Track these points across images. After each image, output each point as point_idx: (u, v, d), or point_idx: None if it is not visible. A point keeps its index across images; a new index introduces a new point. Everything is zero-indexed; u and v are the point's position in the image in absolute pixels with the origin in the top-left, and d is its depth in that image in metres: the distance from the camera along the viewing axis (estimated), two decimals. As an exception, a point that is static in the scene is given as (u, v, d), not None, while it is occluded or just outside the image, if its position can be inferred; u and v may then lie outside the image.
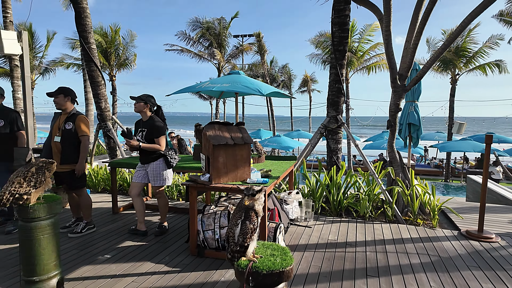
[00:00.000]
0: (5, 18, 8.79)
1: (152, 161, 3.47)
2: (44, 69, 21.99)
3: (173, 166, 3.56)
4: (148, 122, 3.44)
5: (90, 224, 3.70)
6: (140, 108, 3.43)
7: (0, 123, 3.63)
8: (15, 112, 3.75)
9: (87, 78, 11.83)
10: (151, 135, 3.40)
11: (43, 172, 2.02)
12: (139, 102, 3.43)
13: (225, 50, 21.97)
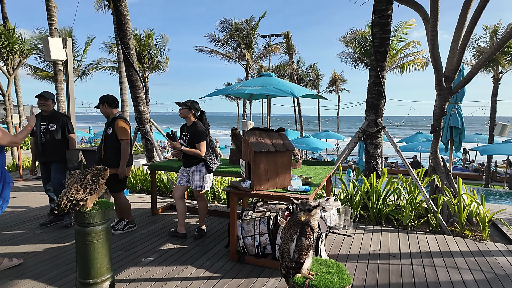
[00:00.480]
0: (50, 25, 9.33)
1: (193, 165, 3.55)
2: (82, 71, 23.17)
3: (212, 171, 3.60)
4: (191, 127, 3.52)
5: (131, 223, 3.89)
6: (185, 114, 3.51)
7: (53, 127, 3.86)
8: (65, 116, 3.99)
9: (123, 81, 12.34)
10: (192, 140, 3.48)
11: (97, 179, 2.11)
12: (184, 108, 3.50)
13: (253, 51, 22.02)
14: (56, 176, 3.91)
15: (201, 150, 3.45)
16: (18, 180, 6.77)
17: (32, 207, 4.85)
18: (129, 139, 3.64)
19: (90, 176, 2.08)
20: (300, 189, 2.84)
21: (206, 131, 3.53)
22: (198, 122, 3.54)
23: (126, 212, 3.83)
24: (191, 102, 3.52)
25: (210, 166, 3.57)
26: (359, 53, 17.77)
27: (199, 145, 3.46)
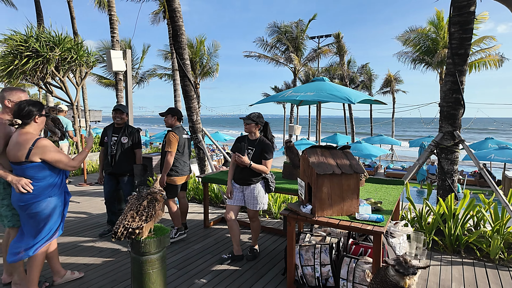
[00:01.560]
0: (113, 37, 10.00)
1: (252, 183, 3.31)
2: (139, 79, 24.74)
3: (272, 190, 3.37)
4: (258, 142, 3.29)
5: (181, 229, 3.97)
6: (250, 129, 3.30)
7: (124, 140, 3.99)
8: (138, 130, 4.10)
9: (177, 88, 12.84)
10: (259, 156, 3.25)
11: (153, 205, 2.00)
12: (250, 123, 3.28)
13: (301, 54, 21.59)
14: (127, 189, 4.03)
15: (268, 167, 3.25)
16: (82, 184, 7.26)
17: (93, 214, 5.08)
18: (174, 152, 3.74)
19: (147, 202, 1.98)
20: (371, 218, 2.47)
21: (273, 147, 3.32)
22: (264, 138, 3.32)
23: (176, 219, 3.93)
24: (257, 117, 3.29)
25: (270, 185, 3.34)
26: (419, 52, 16.38)
27: (267, 162, 3.24)
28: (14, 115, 2.36)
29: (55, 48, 7.62)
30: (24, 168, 2.34)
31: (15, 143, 2.33)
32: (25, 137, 2.33)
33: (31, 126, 2.41)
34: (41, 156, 2.34)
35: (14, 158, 2.33)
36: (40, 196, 2.40)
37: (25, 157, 2.30)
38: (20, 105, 2.38)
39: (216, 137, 24.98)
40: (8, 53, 7.32)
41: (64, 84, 8.56)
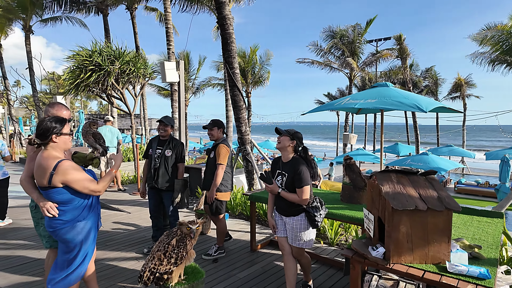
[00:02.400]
0: (169, 49, 10.32)
1: (292, 214, 2.72)
2: (196, 89, 25.71)
3: (317, 226, 2.68)
4: (291, 165, 2.70)
5: (221, 249, 3.83)
6: (284, 144, 2.71)
7: (168, 153, 3.83)
8: (182, 144, 3.94)
9: (229, 97, 12.86)
10: (292, 182, 2.66)
11: (184, 244, 1.65)
12: (284, 135, 2.72)
13: (358, 58, 20.40)
14: (170, 205, 3.87)
15: (303, 197, 2.61)
16: (136, 193, 7.40)
17: (141, 227, 5.01)
18: (225, 165, 3.64)
19: (176, 240, 1.64)
20: (470, 272, 1.81)
21: (310, 171, 2.66)
22: (301, 160, 2.70)
23: (219, 237, 3.82)
24: (295, 132, 2.74)
25: (314, 219, 2.63)
26: (499, 51, 14.26)
27: (302, 191, 2.61)
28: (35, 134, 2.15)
29: (116, 61, 7.99)
30: (48, 193, 2.15)
31: (37, 166, 2.13)
32: (47, 161, 2.09)
33: (52, 147, 2.15)
34: (63, 180, 2.10)
35: (38, 183, 2.15)
36: (68, 222, 2.20)
37: (47, 182, 2.09)
38: (38, 123, 2.16)
39: (267, 145, 24.75)
40: (75, 68, 7.87)
41: (123, 95, 8.98)
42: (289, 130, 2.79)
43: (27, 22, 14.33)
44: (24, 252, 4.00)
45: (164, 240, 1.71)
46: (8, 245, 4.23)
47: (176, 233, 1.73)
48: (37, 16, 14.34)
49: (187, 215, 5.62)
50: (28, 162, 2.38)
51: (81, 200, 2.24)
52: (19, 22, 14.65)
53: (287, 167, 2.72)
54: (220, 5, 5.17)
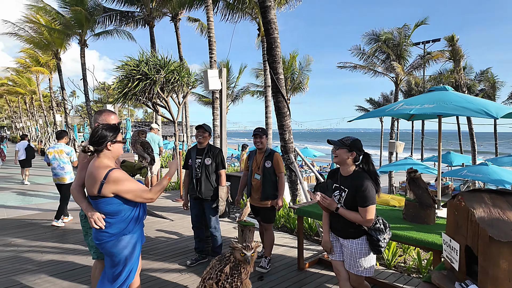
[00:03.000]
0: (211, 58, 10.43)
1: (351, 237, 2.37)
2: (234, 96, 26.02)
3: (381, 252, 2.31)
4: (353, 179, 2.33)
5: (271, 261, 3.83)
6: (342, 158, 2.35)
7: (208, 161, 3.71)
8: (220, 151, 3.81)
9: (268, 104, 12.72)
10: (353, 200, 2.30)
11: (238, 272, 1.45)
12: (341, 148, 2.35)
13: (404, 61, 19.24)
14: (211, 213, 3.74)
15: (366, 217, 2.24)
16: (178, 200, 7.44)
17: (184, 236, 4.94)
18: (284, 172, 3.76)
19: (229, 268, 1.43)
20: None
21: (375, 188, 2.30)
22: (364, 174, 2.32)
23: (269, 248, 3.75)
24: (352, 141, 2.35)
25: (378, 243, 2.26)
26: None
27: (366, 210, 2.23)
28: (89, 141, 2.12)
29: (161, 70, 8.21)
30: (97, 203, 2.09)
31: (89, 175, 2.08)
32: (97, 169, 2.05)
33: (104, 155, 2.12)
34: (114, 190, 2.03)
35: (89, 191, 2.10)
36: (114, 235, 2.12)
37: (97, 191, 2.03)
38: (93, 130, 2.14)
39: (305, 152, 24.14)
40: (124, 77, 8.20)
41: (167, 103, 9.19)
42: (345, 140, 2.40)
43: (82, 36, 15.49)
44: (74, 257, 4.08)
45: (216, 266, 1.52)
46: (59, 249, 4.36)
47: (229, 259, 1.53)
48: (91, 31, 15.45)
49: (228, 224, 5.47)
50: (79, 171, 2.35)
51: (128, 212, 2.16)
52: (76, 37, 15.89)
53: (348, 182, 2.37)
54: (265, 9, 5.02)
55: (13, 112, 46.09)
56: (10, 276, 3.56)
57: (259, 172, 3.64)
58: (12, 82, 33.05)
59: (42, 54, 21.72)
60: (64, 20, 15.05)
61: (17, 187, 9.58)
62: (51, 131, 27.77)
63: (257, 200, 3.70)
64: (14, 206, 7.08)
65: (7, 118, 57.25)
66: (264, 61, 12.04)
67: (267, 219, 3.72)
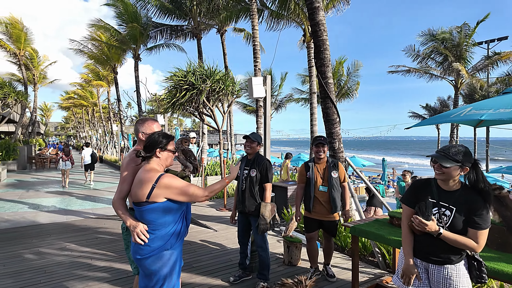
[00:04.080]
0: (255, 66, 10.38)
1: (449, 262, 1.95)
2: (278, 104, 25.89)
3: (485, 281, 1.92)
4: (464, 197, 1.90)
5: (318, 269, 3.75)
6: (450, 175, 1.89)
7: (253, 173, 3.47)
8: (268, 161, 3.54)
9: (314, 112, 12.29)
10: (465, 221, 1.88)
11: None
12: (450, 162, 1.85)
13: (465, 63, 17.51)
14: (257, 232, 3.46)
15: (481, 242, 1.85)
16: (222, 209, 7.34)
17: (227, 248, 4.76)
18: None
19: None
20: None
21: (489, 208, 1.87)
22: (472, 189, 1.91)
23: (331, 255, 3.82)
24: (464, 154, 1.87)
25: (482, 270, 1.92)
26: None
27: (482, 234, 1.84)
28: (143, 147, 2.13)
29: (207, 80, 8.31)
30: (143, 211, 1.98)
31: (139, 179, 2.03)
32: (148, 174, 1.99)
33: (154, 161, 2.08)
34: (167, 194, 1.96)
35: (135, 198, 2.01)
36: (155, 250, 1.98)
37: (146, 196, 1.94)
38: (148, 136, 2.15)
39: (353, 162, 22.99)
40: (172, 88, 8.44)
41: (213, 112, 9.28)
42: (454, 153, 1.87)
43: (136, 51, 16.56)
44: (120, 265, 4.10)
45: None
46: (107, 257, 4.44)
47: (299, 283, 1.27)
48: (144, 45, 16.45)
49: (272, 238, 5.18)
50: (121, 183, 2.29)
51: (171, 225, 2.03)
52: (130, 52, 17.04)
53: (455, 199, 1.92)
54: (313, 11, 4.74)
55: (77, 122, 51.05)
56: (61, 281, 3.65)
57: (324, 184, 3.50)
58: (78, 95, 36.66)
59: (102, 69, 23.70)
60: (120, 36, 16.23)
61: (77, 191, 10.31)
62: (108, 140, 30.07)
63: (325, 214, 3.54)
64: (73, 210, 7.55)
65: (73, 128, 63.59)
66: (310, 67, 11.69)
67: (334, 232, 3.66)
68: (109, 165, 21.11)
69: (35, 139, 25.29)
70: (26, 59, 20.63)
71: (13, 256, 4.46)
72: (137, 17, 14.76)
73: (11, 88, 14.36)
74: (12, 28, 17.77)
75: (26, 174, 15.25)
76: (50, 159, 19.30)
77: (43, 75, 24.97)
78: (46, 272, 3.92)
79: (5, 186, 11.19)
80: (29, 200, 8.65)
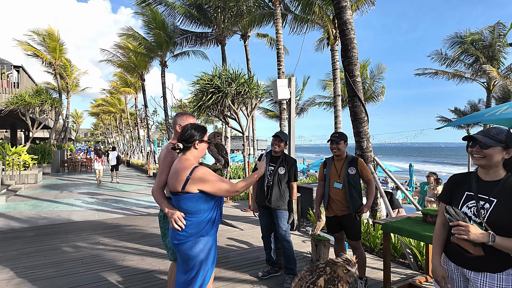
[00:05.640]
0: (279, 70, 10.46)
1: (491, 270, 1.61)
2: (300, 109, 25.78)
3: None
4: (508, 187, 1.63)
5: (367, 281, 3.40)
6: (492, 159, 1.66)
7: (281, 171, 3.54)
8: (295, 161, 3.62)
9: (338, 114, 12.17)
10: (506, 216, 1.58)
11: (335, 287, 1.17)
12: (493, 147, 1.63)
13: (499, 64, 16.73)
14: (281, 224, 3.51)
15: None
16: (247, 210, 7.39)
17: (254, 246, 4.79)
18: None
19: (324, 281, 1.17)
20: None
21: None
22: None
23: (364, 268, 3.34)
24: (508, 134, 1.66)
25: None
26: None
27: None
28: (178, 139, 2.18)
29: (232, 83, 8.46)
30: (179, 200, 2.07)
31: (174, 171, 2.11)
32: (184, 165, 2.07)
33: (191, 153, 2.16)
34: (200, 186, 2.02)
35: (172, 188, 2.10)
36: (192, 235, 2.07)
37: (181, 187, 2.02)
38: (183, 128, 2.20)
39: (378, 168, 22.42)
40: (198, 91, 8.67)
41: (237, 116, 9.41)
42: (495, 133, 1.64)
43: (163, 58, 17.14)
44: (151, 260, 4.23)
45: (306, 277, 1.29)
46: (139, 251, 4.59)
47: (324, 270, 1.28)
48: (171, 52, 17.00)
49: (299, 238, 5.15)
50: (159, 175, 2.39)
51: (206, 212, 2.10)
52: (157, 59, 17.66)
53: (494, 189, 1.64)
54: (340, 10, 4.76)
55: (106, 129, 53.22)
56: (98, 272, 3.82)
57: (339, 181, 3.32)
58: (106, 102, 38.29)
59: (130, 76, 24.67)
60: (147, 44, 16.87)
61: (107, 192, 10.73)
62: (135, 145, 31.09)
63: (340, 212, 3.34)
64: (103, 209, 7.87)
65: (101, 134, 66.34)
66: (334, 69, 11.61)
67: (354, 235, 3.32)
68: (135, 169, 21.81)
69: (67, 144, 26.60)
70: (60, 69, 21.87)
71: (53, 249, 4.71)
72: (164, 25, 15.31)
73: (47, 95, 15.24)
74: (48, 39, 18.94)
75: (60, 176, 16.05)
76: (81, 163, 20.22)
77: (76, 83, 26.34)
78: (83, 263, 4.12)
79: (41, 187, 11.84)
80: (63, 200, 9.11)
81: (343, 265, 1.27)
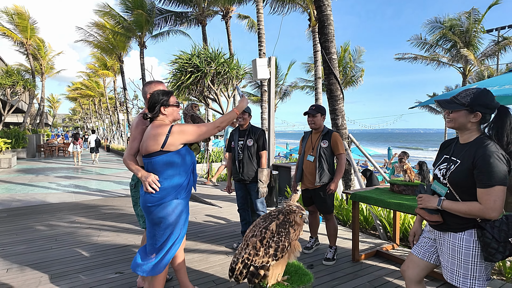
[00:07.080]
0: (260, 50, 10.37)
1: (454, 230, 1.66)
2: (283, 93, 25.82)
3: (497, 259, 1.52)
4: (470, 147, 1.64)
5: (337, 250, 3.46)
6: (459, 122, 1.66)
7: (250, 143, 3.57)
8: (262, 131, 3.65)
9: (319, 97, 12.30)
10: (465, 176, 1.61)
11: (286, 231, 1.24)
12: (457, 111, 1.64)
13: (475, 49, 17.22)
14: (256, 197, 3.58)
15: (490, 204, 1.51)
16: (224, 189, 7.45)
17: (231, 221, 4.87)
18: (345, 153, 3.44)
19: (276, 225, 1.23)
20: None
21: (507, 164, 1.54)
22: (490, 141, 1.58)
23: (335, 237, 3.41)
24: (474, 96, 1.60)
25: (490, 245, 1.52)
26: None
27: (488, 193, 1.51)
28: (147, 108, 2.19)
29: (212, 63, 8.34)
30: (153, 162, 2.08)
31: (149, 136, 2.12)
32: (159, 128, 2.09)
33: (161, 119, 2.17)
34: (181, 138, 2.08)
35: (147, 150, 2.10)
36: (166, 197, 2.09)
37: (161, 146, 2.05)
38: (149, 97, 2.19)
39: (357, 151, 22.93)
40: (177, 71, 8.49)
41: (217, 97, 9.33)
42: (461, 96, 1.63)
43: (142, 38, 16.61)
44: (127, 236, 4.24)
45: (260, 223, 1.34)
46: (115, 228, 4.58)
47: (277, 217, 1.33)
48: (150, 32, 16.48)
49: (277, 214, 5.27)
50: (131, 141, 2.37)
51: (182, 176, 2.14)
52: (135, 40, 17.09)
53: (462, 151, 1.66)
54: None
55: (84, 113, 51.56)
56: (72, 247, 3.80)
57: (312, 153, 3.34)
58: (84, 86, 36.94)
59: (108, 58, 23.81)
60: (126, 24, 16.26)
61: (85, 176, 10.52)
62: (115, 130, 30.37)
63: (310, 185, 3.37)
64: (81, 192, 7.73)
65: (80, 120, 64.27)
66: (315, 51, 11.62)
67: (325, 209, 3.33)
68: (116, 153, 21.39)
69: (43, 129, 25.66)
70: (33, 49, 20.82)
71: (25, 228, 4.63)
72: (142, 3, 14.75)
73: (19, 76, 14.55)
74: (18, 19, 17.91)
75: (36, 161, 15.56)
76: (58, 148, 19.62)
77: (51, 66, 25.20)
78: (57, 240, 4.07)
79: (15, 172, 11.46)
80: (39, 183, 8.87)
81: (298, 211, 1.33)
